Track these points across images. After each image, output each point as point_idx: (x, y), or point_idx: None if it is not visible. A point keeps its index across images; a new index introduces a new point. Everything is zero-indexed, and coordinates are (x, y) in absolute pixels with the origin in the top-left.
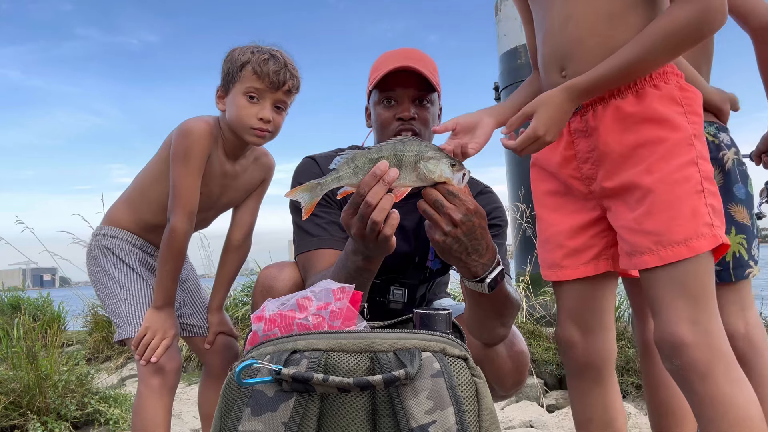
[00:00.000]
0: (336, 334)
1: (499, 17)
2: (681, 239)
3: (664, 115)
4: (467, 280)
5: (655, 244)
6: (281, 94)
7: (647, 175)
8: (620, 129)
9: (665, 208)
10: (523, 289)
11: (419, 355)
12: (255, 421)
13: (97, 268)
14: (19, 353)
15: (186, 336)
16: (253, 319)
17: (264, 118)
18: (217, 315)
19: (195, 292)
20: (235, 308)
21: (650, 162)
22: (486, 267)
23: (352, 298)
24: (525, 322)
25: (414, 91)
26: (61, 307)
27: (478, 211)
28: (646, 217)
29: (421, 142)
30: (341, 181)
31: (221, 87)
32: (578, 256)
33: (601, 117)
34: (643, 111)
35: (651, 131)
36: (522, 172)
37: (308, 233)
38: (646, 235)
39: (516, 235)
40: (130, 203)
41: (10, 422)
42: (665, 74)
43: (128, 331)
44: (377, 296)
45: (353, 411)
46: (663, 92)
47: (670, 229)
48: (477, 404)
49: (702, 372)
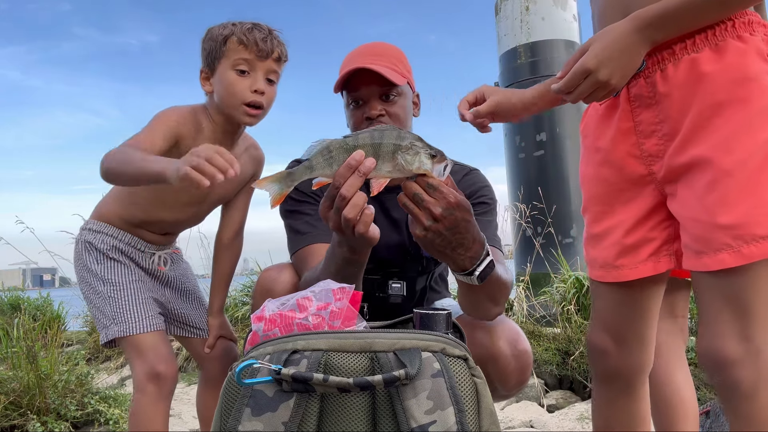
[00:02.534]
0: (336, 334)
1: (499, 17)
2: (767, 233)
3: (750, 74)
4: (456, 273)
5: (735, 239)
6: (272, 62)
7: (724, 152)
8: (695, 92)
9: (746, 194)
10: (523, 289)
11: (419, 355)
12: (255, 421)
13: (80, 265)
14: (19, 353)
15: (185, 337)
16: (253, 319)
17: (258, 90)
18: (218, 318)
19: (194, 293)
20: (235, 308)
21: (728, 135)
22: (474, 260)
23: (352, 298)
24: (525, 322)
25: (377, 88)
26: (61, 307)
27: (461, 204)
28: (722, 207)
29: (400, 131)
30: (314, 172)
31: (205, 67)
32: (636, 254)
33: (672, 78)
34: (723, 69)
35: (732, 93)
36: (522, 172)
37: (299, 232)
38: (723, 228)
39: (516, 235)
40: (117, 197)
41: (10, 422)
42: (751, 24)
43: (116, 331)
44: (376, 292)
45: (353, 411)
46: (749, 45)
47: (753, 221)
48: (477, 404)
49: (747, 393)
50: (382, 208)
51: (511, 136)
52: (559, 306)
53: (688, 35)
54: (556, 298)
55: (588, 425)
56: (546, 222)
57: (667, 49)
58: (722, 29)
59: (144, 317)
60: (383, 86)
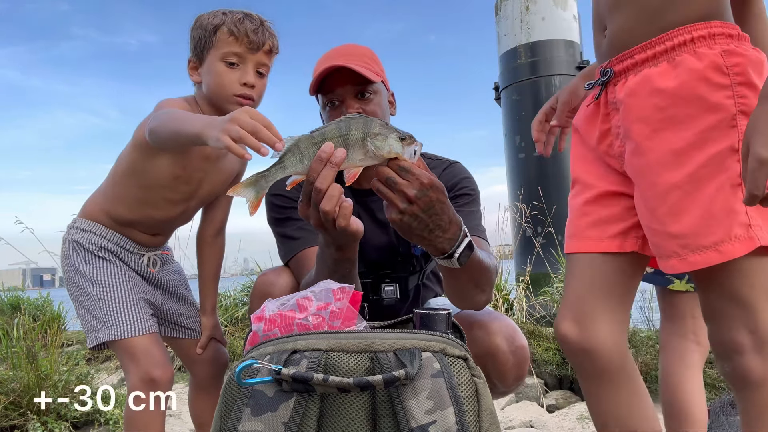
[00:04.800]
0: (336, 334)
1: (499, 17)
2: (711, 243)
3: (699, 91)
4: (436, 258)
5: (682, 248)
6: (262, 55)
7: (671, 167)
8: (646, 106)
9: (692, 206)
10: (523, 289)
11: (419, 355)
12: (255, 421)
13: (68, 265)
14: (19, 353)
15: (175, 338)
16: (253, 319)
17: (248, 83)
18: (211, 318)
19: (185, 295)
20: (235, 308)
21: (676, 151)
22: (452, 242)
23: (352, 298)
24: (525, 322)
25: (352, 87)
26: (61, 307)
27: (434, 185)
28: (671, 217)
29: (367, 119)
30: (286, 171)
31: (193, 57)
32: (605, 227)
33: (628, 88)
34: (675, 86)
35: (680, 112)
36: (522, 172)
37: (291, 238)
38: (672, 238)
39: (516, 235)
40: (104, 195)
41: (10, 422)
42: (712, 37)
43: (107, 335)
44: (370, 294)
45: (353, 411)
46: (704, 62)
47: (698, 232)
48: (477, 404)
49: (756, 382)
50: (368, 210)
51: (511, 136)
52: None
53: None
54: (556, 298)
55: (588, 425)
56: (546, 222)
57: (631, 59)
58: (681, 43)
59: (136, 320)
60: (358, 85)
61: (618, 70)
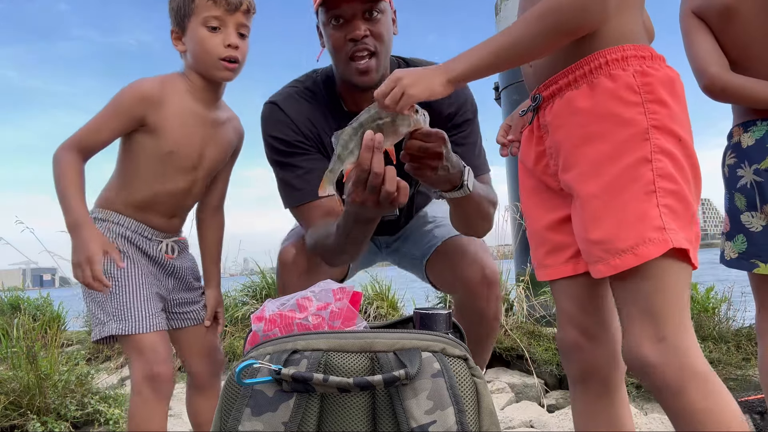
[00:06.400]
0: (336, 334)
1: (499, 17)
2: (627, 246)
3: (613, 109)
4: (448, 193)
5: (605, 252)
6: (241, 15)
7: (591, 178)
8: (570, 124)
9: (610, 213)
10: (523, 289)
11: (419, 355)
12: (255, 421)
13: None
14: (19, 353)
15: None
16: (253, 319)
17: (232, 44)
18: (215, 291)
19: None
20: (235, 308)
21: (594, 163)
22: (461, 173)
23: (352, 298)
24: (525, 322)
25: (360, 4)
26: (61, 307)
27: (444, 136)
28: (592, 224)
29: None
30: (344, 163)
31: (175, 27)
32: (558, 254)
33: (554, 111)
34: (592, 106)
35: (597, 128)
36: None
37: (294, 188)
38: (595, 243)
39: (516, 235)
40: (117, 181)
41: (10, 422)
42: (625, 60)
43: (115, 329)
44: None
45: (353, 411)
46: (618, 83)
47: (616, 237)
48: (477, 404)
49: (675, 391)
50: None
51: None
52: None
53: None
54: None
55: None
56: None
57: (555, 84)
58: (597, 67)
59: (147, 316)
60: (366, 2)
61: (546, 95)
